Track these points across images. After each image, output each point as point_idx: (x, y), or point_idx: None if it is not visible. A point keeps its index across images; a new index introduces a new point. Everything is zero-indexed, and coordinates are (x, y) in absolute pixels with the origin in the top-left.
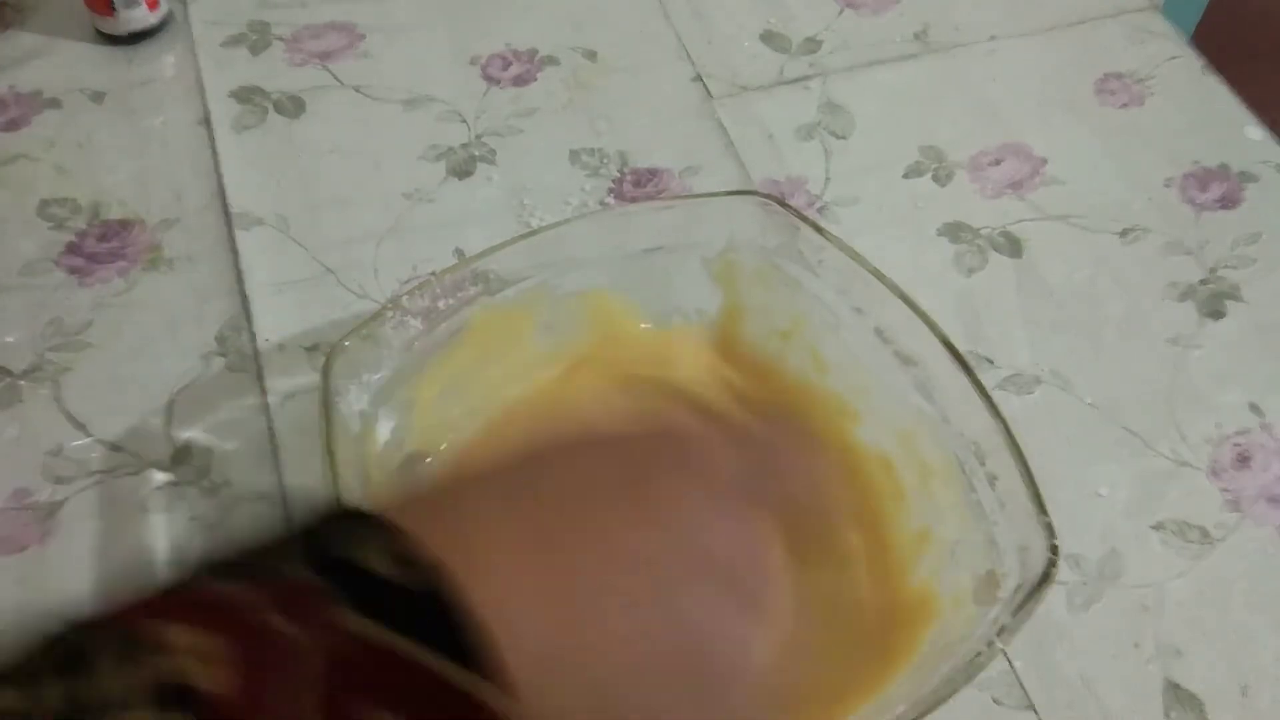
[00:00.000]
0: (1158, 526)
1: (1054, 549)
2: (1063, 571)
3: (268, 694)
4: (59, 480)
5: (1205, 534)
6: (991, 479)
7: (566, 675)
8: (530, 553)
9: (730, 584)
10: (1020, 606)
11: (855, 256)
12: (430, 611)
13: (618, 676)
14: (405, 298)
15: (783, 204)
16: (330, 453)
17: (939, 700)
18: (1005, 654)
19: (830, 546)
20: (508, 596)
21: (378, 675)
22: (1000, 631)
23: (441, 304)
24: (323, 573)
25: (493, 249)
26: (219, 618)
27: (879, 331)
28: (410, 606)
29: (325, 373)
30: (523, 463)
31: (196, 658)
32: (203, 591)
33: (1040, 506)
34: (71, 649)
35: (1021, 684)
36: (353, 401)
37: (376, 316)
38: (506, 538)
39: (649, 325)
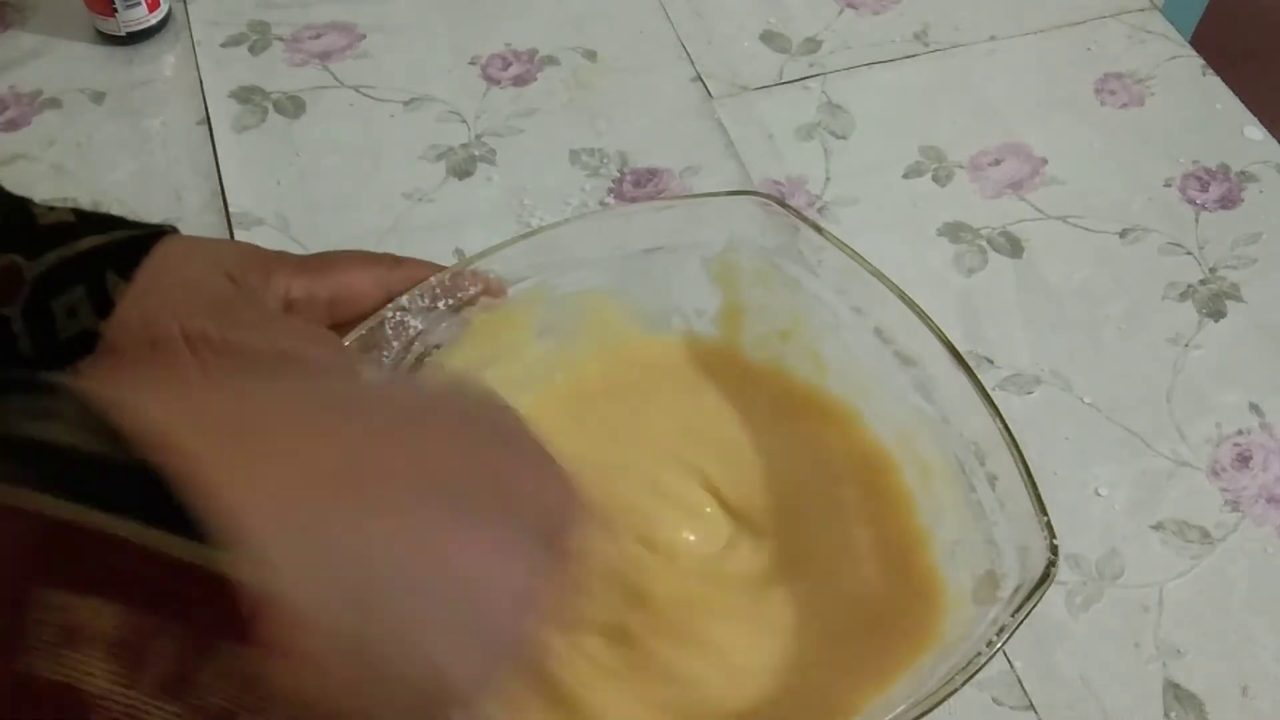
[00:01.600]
0: (1158, 526)
1: (1054, 549)
2: (1063, 571)
3: None
4: None
5: (1205, 534)
6: (991, 479)
7: (323, 553)
8: (315, 446)
9: (531, 531)
10: (1019, 607)
11: (855, 256)
12: (145, 485)
13: (376, 558)
14: (405, 298)
15: (782, 204)
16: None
17: (938, 700)
18: (1005, 654)
19: (844, 541)
20: (263, 465)
21: (75, 557)
22: (999, 631)
23: (441, 305)
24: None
25: (491, 249)
26: None
27: (879, 331)
28: (117, 481)
29: None
30: (330, 381)
31: None
32: None
33: (1040, 506)
34: None
35: (1021, 684)
36: None
37: (375, 317)
38: (270, 413)
39: (645, 332)
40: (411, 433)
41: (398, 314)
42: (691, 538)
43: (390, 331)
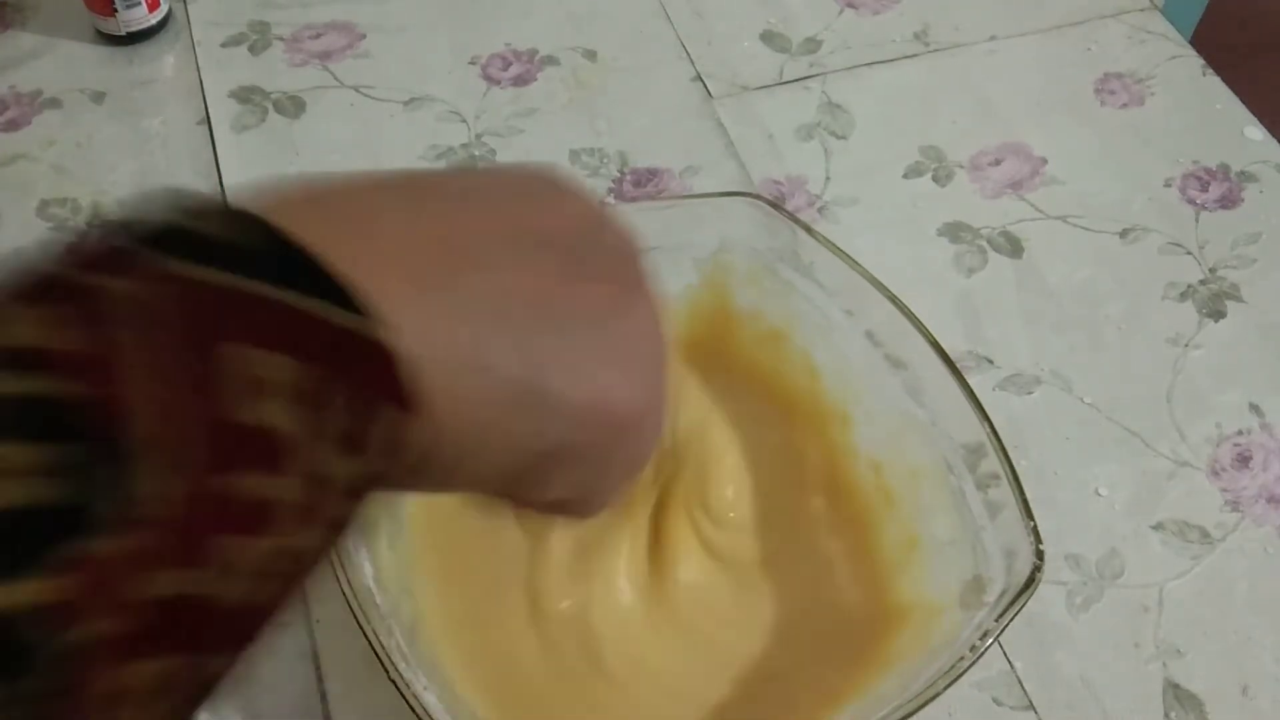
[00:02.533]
0: (1158, 526)
1: (1039, 554)
2: (1063, 571)
3: (134, 347)
4: None
5: (1205, 534)
6: (980, 483)
7: (465, 316)
8: (419, 220)
9: (629, 270)
10: (1004, 612)
11: (847, 259)
12: (294, 268)
13: (521, 319)
14: None
15: (775, 205)
16: None
17: (921, 704)
18: (1005, 654)
19: (809, 553)
20: (393, 255)
21: (251, 320)
22: (983, 636)
23: None
24: (168, 247)
25: None
26: (43, 291)
27: (870, 335)
28: (269, 264)
29: None
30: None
31: (47, 324)
32: (38, 269)
33: (1027, 511)
34: None
35: (1021, 684)
36: None
37: None
38: (392, 214)
39: None
40: (501, 198)
41: None
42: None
43: None
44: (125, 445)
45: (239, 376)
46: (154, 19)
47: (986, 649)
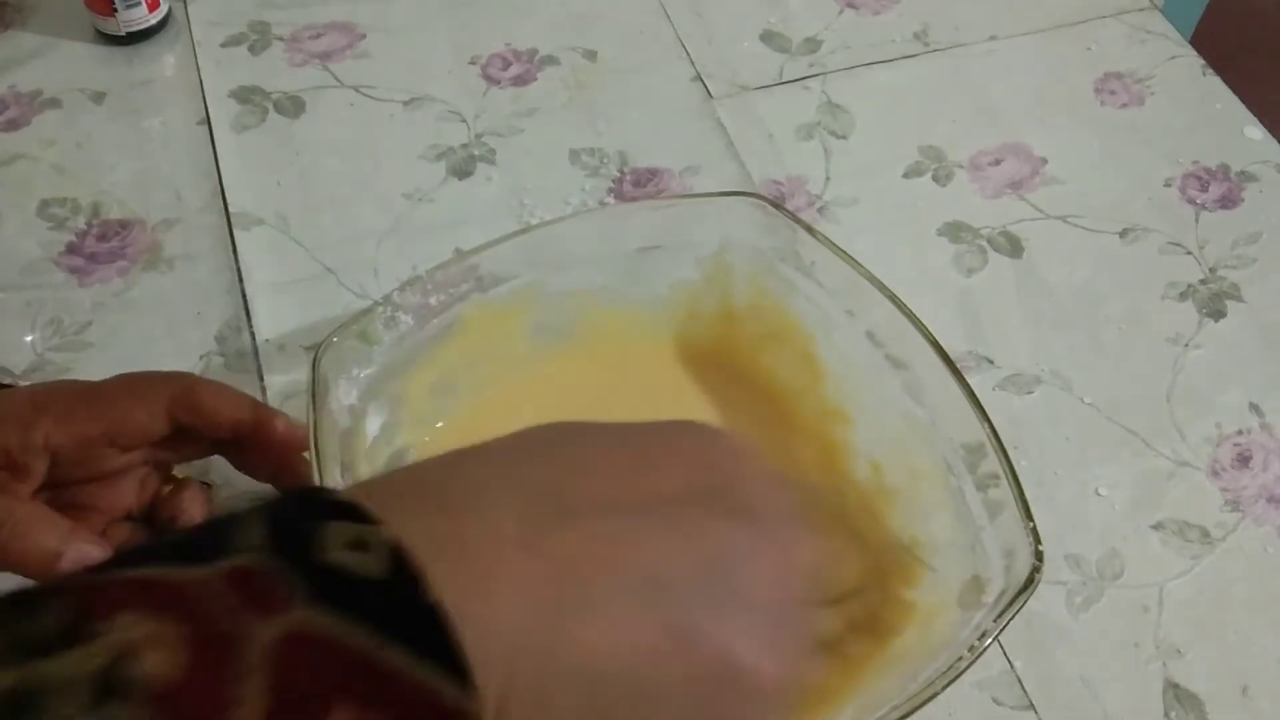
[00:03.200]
0: (1158, 526)
1: (1039, 554)
2: (1063, 571)
3: (214, 679)
4: None
5: (1205, 534)
6: (980, 484)
7: (551, 673)
8: (522, 532)
9: (769, 623)
10: (1003, 612)
11: (847, 259)
12: (391, 599)
13: (609, 683)
14: (396, 293)
15: (776, 205)
16: (316, 446)
17: (920, 704)
18: (1005, 654)
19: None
20: (488, 580)
21: (329, 667)
22: (981, 637)
23: (433, 300)
24: (278, 555)
25: (485, 246)
26: (169, 601)
27: (870, 335)
28: (369, 593)
29: (314, 367)
30: (524, 440)
31: (147, 643)
32: (155, 575)
33: (1026, 512)
34: (26, 626)
35: (1021, 684)
36: (342, 396)
37: (367, 312)
38: (495, 515)
39: (638, 332)
40: (621, 514)
41: (389, 309)
42: None
43: (381, 327)
44: None
45: None
46: (154, 19)
47: (985, 649)
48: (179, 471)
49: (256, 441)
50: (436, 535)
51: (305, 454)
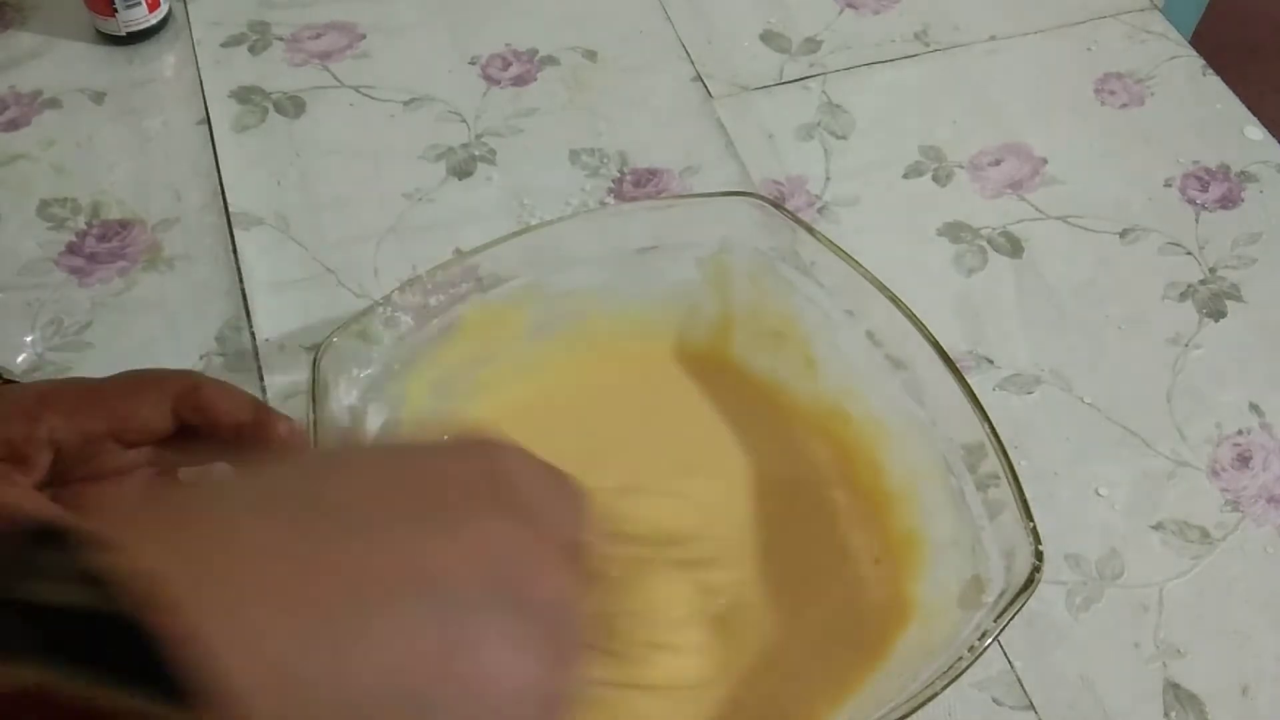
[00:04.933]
0: (1158, 526)
1: (1039, 554)
2: (1063, 571)
3: None
4: None
5: (1205, 534)
6: (980, 484)
7: (317, 700)
8: (285, 557)
9: (549, 629)
10: (1003, 612)
11: (848, 259)
12: (131, 638)
13: (384, 702)
14: (396, 293)
15: (776, 205)
16: (316, 446)
17: (920, 704)
18: (1005, 654)
19: (830, 543)
20: (253, 601)
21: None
22: (982, 637)
23: (433, 300)
24: None
25: (485, 246)
26: None
27: (870, 334)
28: (107, 634)
29: (314, 367)
30: (309, 468)
31: None
32: None
33: (1026, 512)
34: None
35: (1021, 684)
36: (342, 396)
37: (367, 312)
38: (257, 540)
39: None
40: (398, 523)
41: (388, 309)
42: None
43: (381, 327)
44: None
45: None
46: (154, 19)
47: (985, 649)
48: (184, 476)
49: (258, 442)
50: (190, 555)
51: None
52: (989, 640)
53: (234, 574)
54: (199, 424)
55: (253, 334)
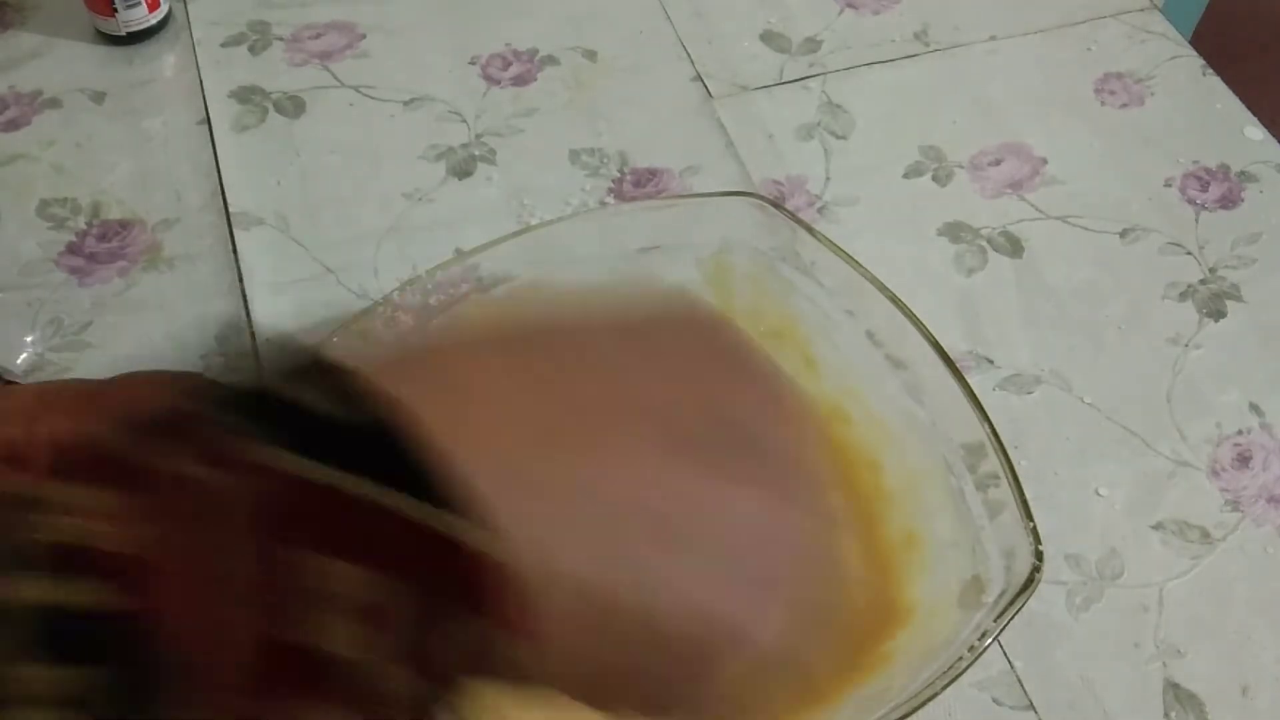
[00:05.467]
0: (1158, 526)
1: (1039, 554)
2: (1063, 571)
3: (188, 548)
4: None
5: (1205, 534)
6: (980, 484)
7: (563, 522)
8: (521, 394)
9: (779, 469)
10: (1003, 612)
11: (848, 259)
12: (386, 449)
13: (625, 529)
14: (396, 294)
15: (776, 205)
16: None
17: (920, 704)
18: (1005, 654)
19: (829, 543)
20: (492, 439)
21: (324, 518)
22: (981, 637)
23: (433, 300)
24: (254, 417)
25: (485, 246)
26: (125, 471)
27: (870, 334)
28: (360, 445)
29: None
30: (520, 330)
31: (100, 516)
32: (109, 446)
33: (1026, 512)
34: None
35: (1021, 684)
36: None
37: (367, 312)
38: (493, 385)
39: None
40: (623, 364)
41: (388, 309)
42: None
43: (381, 327)
44: (158, 668)
45: (298, 589)
46: (154, 19)
47: (985, 649)
48: None
49: None
50: (438, 406)
51: None
52: (989, 640)
53: (480, 403)
54: None
55: (253, 334)
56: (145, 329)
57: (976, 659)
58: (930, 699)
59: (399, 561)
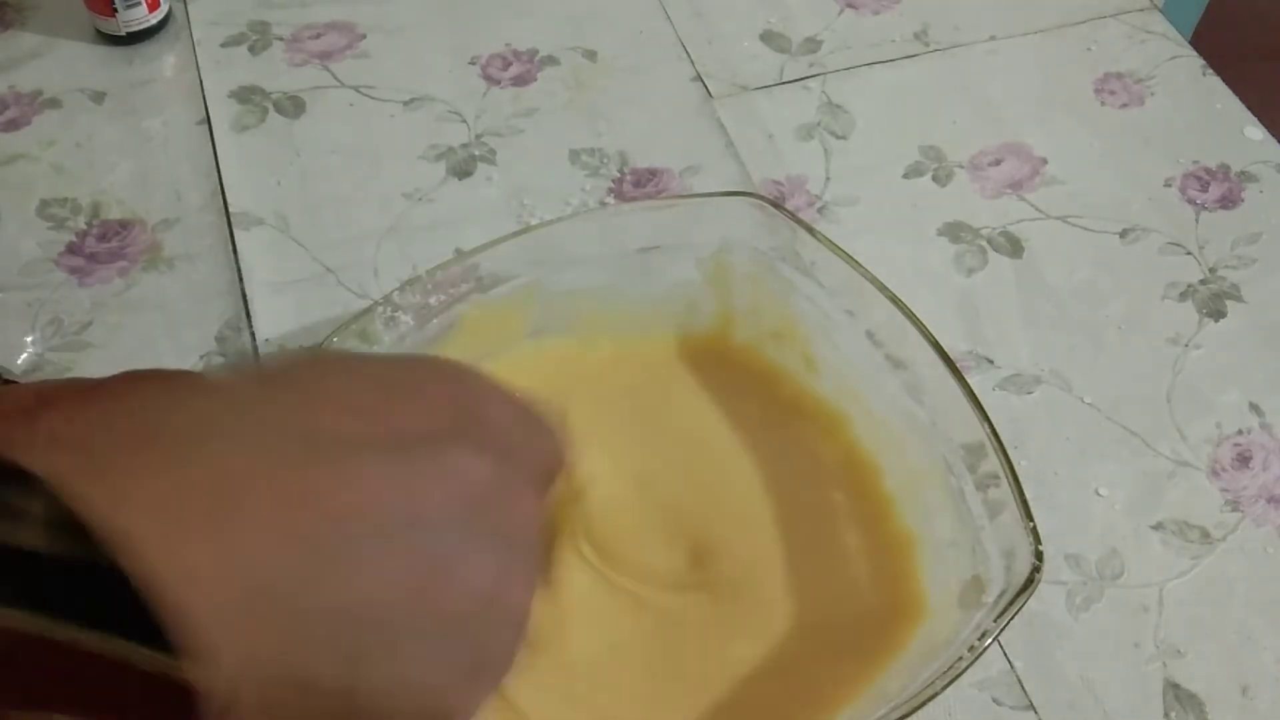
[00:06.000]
0: (1158, 526)
1: (1039, 554)
2: (1063, 571)
3: None
4: None
5: (1205, 534)
6: (980, 484)
7: (300, 624)
8: (263, 473)
9: (523, 555)
10: (1003, 612)
11: (848, 259)
12: (104, 583)
13: (365, 627)
14: (396, 294)
15: (776, 205)
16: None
17: (920, 704)
18: (1005, 654)
19: (830, 543)
20: (222, 531)
21: (35, 669)
22: (981, 637)
23: (433, 300)
24: None
25: (485, 246)
26: None
27: (870, 334)
28: (79, 579)
29: None
30: (256, 374)
31: None
32: None
33: (1026, 512)
34: None
35: (1021, 684)
36: None
37: (367, 312)
38: (229, 456)
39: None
40: (376, 451)
41: (388, 309)
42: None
43: (381, 327)
44: None
45: None
46: (154, 19)
47: (985, 649)
48: None
49: None
50: (154, 483)
51: None
52: (989, 640)
53: (213, 506)
54: None
55: (253, 334)
56: (145, 329)
57: (976, 659)
58: (930, 699)
59: (107, 704)
